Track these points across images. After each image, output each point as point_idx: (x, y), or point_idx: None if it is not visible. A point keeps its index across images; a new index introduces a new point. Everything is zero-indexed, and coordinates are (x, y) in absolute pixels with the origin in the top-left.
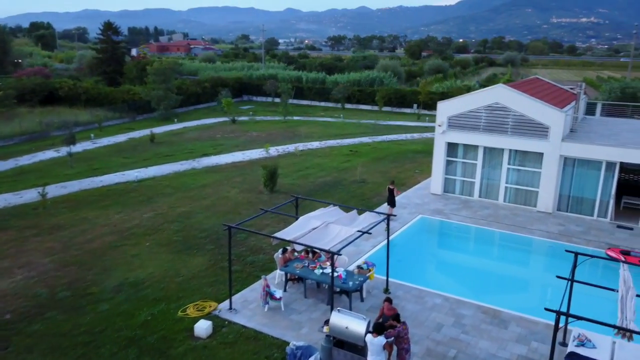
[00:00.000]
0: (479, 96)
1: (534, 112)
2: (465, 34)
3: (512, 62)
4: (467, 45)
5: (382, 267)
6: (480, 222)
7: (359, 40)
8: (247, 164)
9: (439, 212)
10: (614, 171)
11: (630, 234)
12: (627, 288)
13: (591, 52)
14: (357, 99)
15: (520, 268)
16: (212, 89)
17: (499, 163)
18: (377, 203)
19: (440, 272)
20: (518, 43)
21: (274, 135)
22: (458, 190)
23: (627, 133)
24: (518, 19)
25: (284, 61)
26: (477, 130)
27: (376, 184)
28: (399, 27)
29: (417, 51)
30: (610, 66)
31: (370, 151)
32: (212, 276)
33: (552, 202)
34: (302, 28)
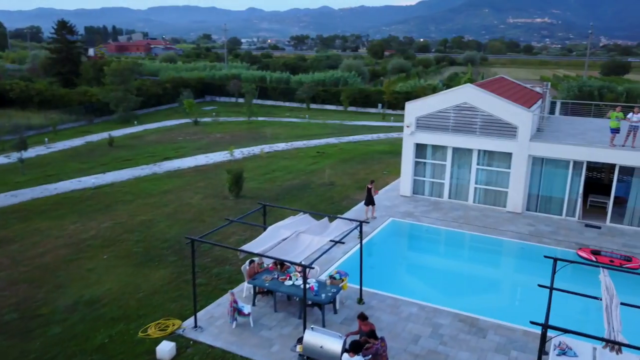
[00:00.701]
0: (447, 96)
1: (502, 112)
2: (425, 33)
3: (472, 61)
4: (428, 44)
5: (354, 275)
6: (451, 224)
7: (322, 40)
8: (210, 168)
9: (410, 215)
10: (581, 170)
11: (598, 232)
12: (611, 296)
13: (546, 51)
14: (322, 99)
15: (494, 272)
16: (174, 89)
17: (468, 164)
18: (347, 206)
19: (415, 279)
20: (477, 43)
21: (239, 137)
22: (427, 191)
23: (592, 132)
24: (476, 19)
25: (247, 61)
26: (445, 131)
27: (345, 187)
28: (361, 26)
29: (380, 51)
30: (565, 65)
31: (338, 152)
32: (175, 291)
33: (522, 202)
34: (264, 27)
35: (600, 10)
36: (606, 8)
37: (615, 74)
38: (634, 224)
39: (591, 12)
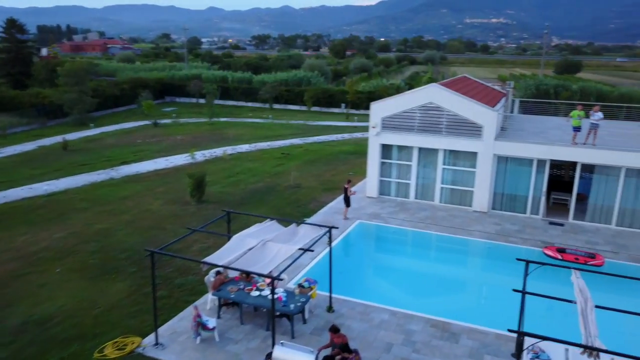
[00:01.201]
0: (412, 96)
1: (468, 112)
2: (386, 33)
3: (432, 60)
4: (388, 44)
5: (324, 282)
6: (418, 225)
7: (284, 40)
8: (171, 172)
9: (377, 217)
10: (544, 168)
11: (562, 230)
12: (585, 299)
13: (502, 50)
14: (286, 99)
15: (464, 273)
16: (132, 90)
17: (434, 163)
18: (314, 209)
19: (385, 283)
20: (436, 42)
21: (200, 139)
22: (394, 192)
23: (553, 130)
24: (435, 19)
25: (207, 61)
26: (411, 131)
27: (311, 189)
28: (322, 26)
29: (342, 50)
30: (521, 64)
31: (303, 153)
32: (134, 305)
33: (487, 201)
34: (225, 27)
35: (551, 11)
36: (557, 9)
37: (568, 72)
38: (594, 220)
39: (543, 12)
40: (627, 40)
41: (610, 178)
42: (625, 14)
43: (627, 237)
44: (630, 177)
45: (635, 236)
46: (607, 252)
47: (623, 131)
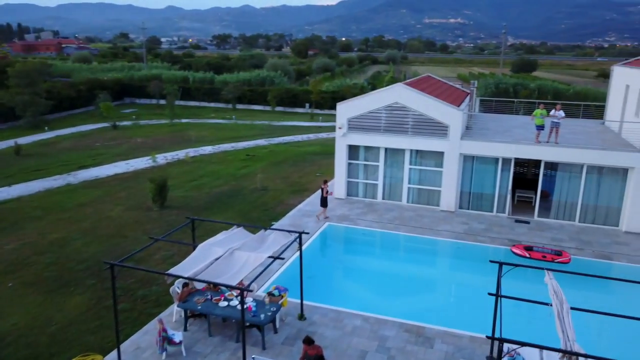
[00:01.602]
0: (378, 96)
1: (433, 111)
2: (347, 32)
3: (393, 60)
4: (350, 43)
5: (294, 289)
6: (387, 226)
7: (245, 39)
8: (132, 176)
9: (346, 218)
10: (510, 167)
11: (528, 227)
12: (561, 301)
13: (460, 50)
14: (249, 99)
15: (435, 274)
16: (89, 91)
17: (401, 164)
18: (282, 212)
19: (356, 287)
20: (396, 42)
21: (162, 141)
22: (362, 193)
23: (517, 129)
24: (394, 19)
25: (168, 61)
26: (378, 132)
27: (278, 191)
28: (283, 25)
29: (304, 50)
30: (478, 63)
31: (268, 155)
32: (94, 320)
33: (454, 200)
34: (185, 26)
35: (506, 11)
36: (512, 10)
37: (524, 71)
38: (559, 217)
39: (499, 13)
40: (576, 40)
41: (573, 175)
42: (574, 14)
43: (591, 233)
44: (592, 174)
45: (597, 232)
46: (572, 249)
47: (583, 129)
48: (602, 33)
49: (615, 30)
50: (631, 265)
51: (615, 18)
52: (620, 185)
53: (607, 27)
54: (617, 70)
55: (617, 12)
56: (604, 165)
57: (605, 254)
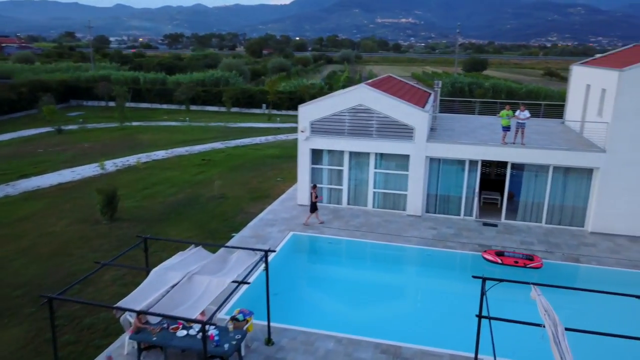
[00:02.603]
0: (341, 98)
1: (398, 113)
2: (301, 32)
3: (347, 59)
4: (304, 43)
5: (259, 309)
6: (355, 234)
7: (198, 39)
8: (78, 185)
9: (311, 226)
10: (476, 169)
11: (496, 231)
12: (554, 323)
13: (413, 49)
14: (203, 100)
15: (408, 286)
16: (31, 94)
17: (366, 168)
18: (242, 222)
19: (326, 304)
20: (350, 41)
21: (111, 146)
22: (326, 198)
23: (481, 130)
24: (348, 19)
25: (117, 61)
26: (341, 135)
27: (238, 199)
28: (237, 25)
29: (258, 49)
30: (431, 62)
31: (225, 159)
32: (34, 356)
33: (421, 204)
34: (134, 25)
35: (456, 11)
36: (460, 10)
37: (476, 70)
38: (526, 219)
39: (448, 13)
40: (522, 40)
41: (539, 177)
42: (519, 15)
43: (558, 235)
44: (558, 175)
45: (564, 233)
46: (542, 253)
47: (545, 129)
48: (545, 33)
49: (557, 31)
50: (601, 268)
51: (557, 19)
52: (585, 186)
53: (549, 28)
54: (576, 70)
55: (558, 13)
56: (570, 166)
57: (575, 256)
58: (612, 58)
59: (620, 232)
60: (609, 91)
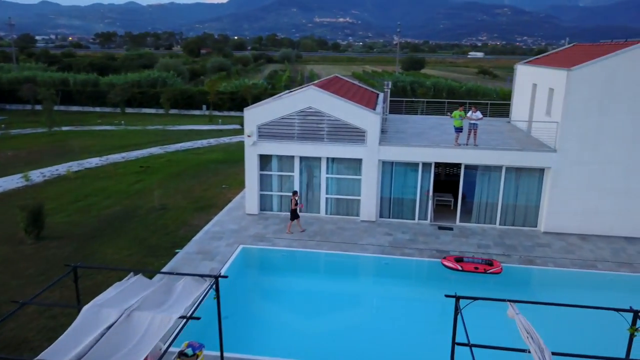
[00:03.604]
0: (290, 101)
1: (349, 116)
2: (239, 31)
3: (288, 58)
4: (244, 42)
5: (209, 338)
6: (309, 244)
7: (132, 38)
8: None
9: (262, 238)
10: (430, 172)
11: (452, 235)
12: (540, 348)
13: (351, 48)
14: (139, 102)
15: (369, 299)
16: None
17: (318, 173)
18: (186, 236)
19: (282, 327)
20: (290, 40)
21: (38, 154)
22: (276, 207)
23: (431, 130)
24: (286, 18)
25: (43, 61)
26: (291, 139)
27: (180, 209)
28: (172, 23)
29: (196, 49)
30: (370, 61)
31: (165, 165)
32: None
33: (375, 209)
34: (63, 24)
35: (391, 11)
36: (396, 10)
37: (414, 69)
38: (480, 221)
39: (384, 13)
40: (454, 39)
41: (493, 178)
42: (451, 15)
43: (513, 236)
44: (510, 176)
45: (519, 234)
46: (500, 256)
47: (494, 128)
48: (475, 33)
49: (486, 30)
50: (558, 270)
51: (486, 19)
52: (537, 186)
53: (479, 28)
54: (521, 69)
55: (486, 14)
56: (523, 166)
57: (532, 258)
58: (555, 57)
59: (571, 231)
60: (558, 91)
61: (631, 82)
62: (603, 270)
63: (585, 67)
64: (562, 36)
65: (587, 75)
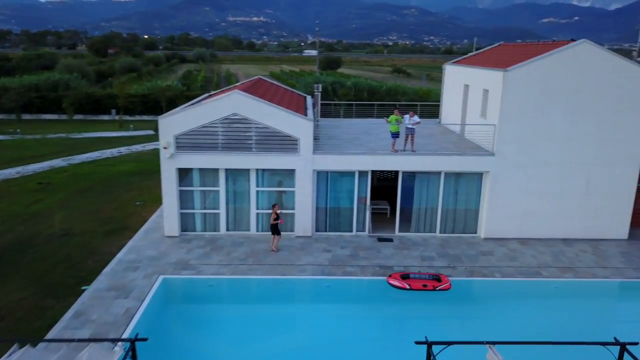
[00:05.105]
0: (212, 107)
1: (280, 123)
2: (150, 30)
3: (202, 58)
4: (154, 41)
5: None
6: (240, 269)
7: (30, 36)
8: None
9: (185, 266)
10: (367, 181)
11: (393, 247)
12: None
13: (266, 48)
14: (38, 107)
15: (311, 331)
16: None
17: (247, 186)
18: (95, 269)
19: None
20: (203, 40)
21: None
22: (200, 226)
23: (364, 136)
24: (198, 17)
25: None
26: (215, 150)
27: (87, 235)
28: (76, 21)
29: (103, 48)
30: (286, 60)
31: (69, 180)
32: None
33: (311, 223)
34: None
35: (304, 11)
36: (309, 9)
37: (331, 68)
38: (420, 230)
39: (298, 12)
40: (366, 39)
41: (431, 184)
42: (362, 15)
43: (454, 245)
44: (449, 182)
45: (460, 242)
46: (446, 269)
47: (427, 131)
48: (386, 32)
49: (396, 30)
50: (506, 280)
51: (395, 19)
52: (476, 190)
53: (389, 27)
54: (450, 69)
55: (395, 14)
56: (462, 171)
57: (477, 269)
58: (483, 57)
59: (511, 235)
60: (494, 92)
61: (565, 82)
62: (548, 278)
63: (521, 67)
64: (465, 36)
65: (523, 76)
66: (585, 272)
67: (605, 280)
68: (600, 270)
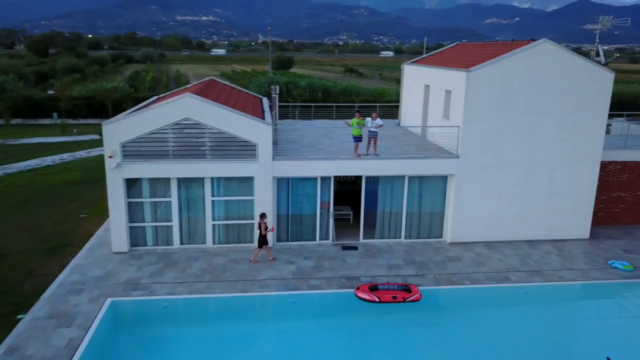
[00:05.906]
0: (161, 111)
1: (236, 128)
2: (94, 29)
3: (150, 58)
4: (99, 41)
5: None
6: (196, 287)
7: None
8: None
9: (136, 285)
10: (329, 187)
11: (358, 255)
12: None
13: (217, 47)
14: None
15: (275, 352)
16: None
17: (201, 196)
18: (33, 292)
19: None
20: (151, 39)
21: None
22: (151, 240)
23: (323, 139)
24: (145, 16)
25: None
26: (166, 158)
27: (25, 254)
28: (13, 20)
29: (43, 48)
30: (238, 60)
31: (4, 192)
32: None
33: (272, 233)
34: None
35: (254, 10)
36: (259, 8)
37: (283, 68)
38: (384, 236)
39: (247, 11)
40: (317, 38)
41: (395, 189)
42: (313, 15)
43: (421, 251)
44: (413, 186)
45: (426, 248)
46: (414, 278)
47: (388, 133)
48: (336, 32)
49: (346, 30)
50: (476, 288)
51: (345, 19)
52: (441, 194)
53: (339, 27)
54: (409, 69)
55: (345, 14)
56: (427, 174)
57: (447, 276)
58: (442, 57)
59: (476, 239)
60: (457, 93)
61: (527, 82)
62: (517, 283)
63: (484, 67)
64: (412, 36)
65: (486, 76)
66: (553, 275)
67: (573, 284)
68: (567, 272)
